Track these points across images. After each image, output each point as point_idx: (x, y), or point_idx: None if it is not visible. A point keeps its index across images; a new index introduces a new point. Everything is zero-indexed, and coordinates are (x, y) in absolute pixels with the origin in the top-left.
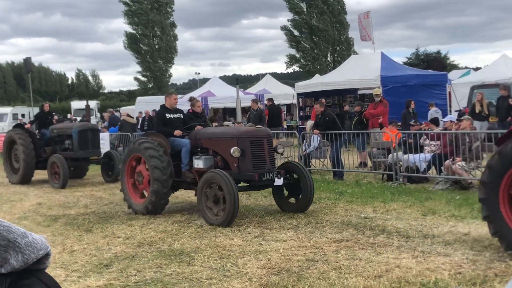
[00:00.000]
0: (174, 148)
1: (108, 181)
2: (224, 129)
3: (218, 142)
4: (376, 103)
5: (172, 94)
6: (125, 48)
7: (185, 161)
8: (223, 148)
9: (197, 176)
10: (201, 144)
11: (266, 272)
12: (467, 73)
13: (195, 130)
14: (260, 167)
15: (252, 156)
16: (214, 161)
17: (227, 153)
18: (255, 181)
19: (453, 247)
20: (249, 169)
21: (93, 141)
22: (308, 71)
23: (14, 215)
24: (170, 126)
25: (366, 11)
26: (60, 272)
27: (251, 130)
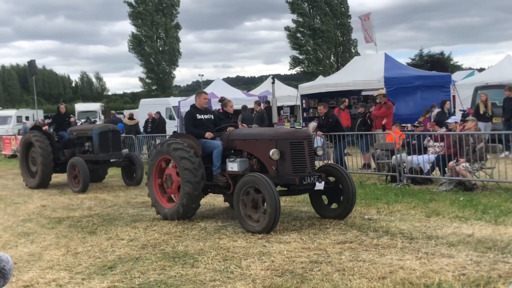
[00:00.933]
0: (205, 150)
1: (129, 184)
2: (261, 130)
3: (254, 144)
4: (380, 105)
5: (202, 93)
6: (129, 51)
7: (217, 163)
8: (260, 150)
9: (230, 180)
10: (235, 146)
11: (269, 274)
12: (471, 74)
13: (227, 131)
14: (301, 170)
15: (292, 159)
16: (249, 164)
17: (265, 156)
18: (296, 185)
19: (457, 249)
20: (288, 172)
21: (114, 143)
22: (311, 72)
23: (18, 217)
24: (200, 127)
25: (367, 13)
26: (64, 274)
27: (290, 131)
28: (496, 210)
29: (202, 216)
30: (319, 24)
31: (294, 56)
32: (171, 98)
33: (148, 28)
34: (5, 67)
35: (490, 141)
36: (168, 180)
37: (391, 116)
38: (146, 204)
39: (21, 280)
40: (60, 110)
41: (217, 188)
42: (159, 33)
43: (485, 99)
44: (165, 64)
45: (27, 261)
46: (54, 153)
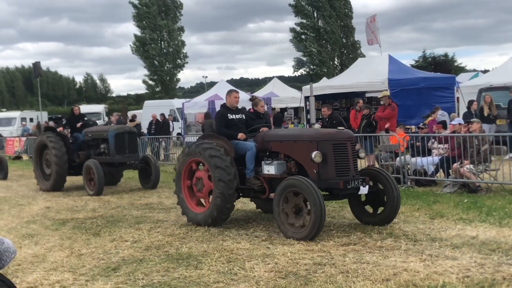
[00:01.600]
0: (238, 152)
1: (146, 187)
2: (300, 131)
3: (292, 146)
4: (384, 106)
5: (232, 92)
6: (133, 53)
7: (250, 166)
8: (300, 152)
9: (266, 183)
10: (270, 147)
11: (273, 276)
12: (475, 75)
13: (261, 132)
14: (345, 173)
15: (335, 162)
16: (287, 166)
17: (304, 158)
18: (340, 190)
19: (461, 251)
20: (331, 176)
21: (130, 145)
22: (315, 74)
23: (22, 219)
24: (232, 128)
25: (373, 15)
26: (68, 276)
27: (333, 132)
28: (500, 212)
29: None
30: (323, 25)
31: (298, 58)
32: (175, 100)
33: (152, 30)
34: (10, 68)
35: (494, 143)
36: (199, 184)
37: (395, 118)
38: (150, 206)
39: (25, 282)
40: (74, 112)
41: (251, 192)
42: (163, 36)
43: (490, 100)
44: (169, 65)
45: (31, 263)
46: (69, 155)
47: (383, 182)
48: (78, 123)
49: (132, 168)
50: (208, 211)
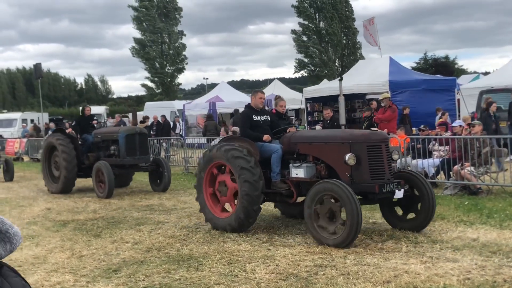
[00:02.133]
0: (263, 154)
1: (157, 190)
2: (331, 133)
3: (322, 148)
4: (385, 108)
5: (258, 92)
6: (133, 55)
7: (276, 169)
8: (331, 154)
9: (293, 187)
10: (298, 149)
11: (274, 278)
12: (476, 77)
13: (288, 134)
14: (379, 176)
15: (369, 164)
16: (316, 169)
17: (336, 161)
18: (375, 194)
19: (461, 253)
20: (366, 179)
21: (141, 147)
22: (316, 75)
23: (23, 220)
24: (257, 130)
25: (371, 17)
26: (69, 277)
27: (366, 133)
28: (501, 214)
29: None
30: (325, 27)
31: (300, 59)
32: (175, 102)
33: (151, 32)
34: (11, 70)
35: (495, 145)
36: (222, 188)
37: (395, 120)
38: (151, 207)
39: None
40: (85, 112)
41: (277, 196)
42: (163, 38)
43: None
44: (169, 67)
45: (32, 264)
46: (78, 157)
47: (417, 185)
48: (89, 124)
49: (142, 170)
50: (234, 215)
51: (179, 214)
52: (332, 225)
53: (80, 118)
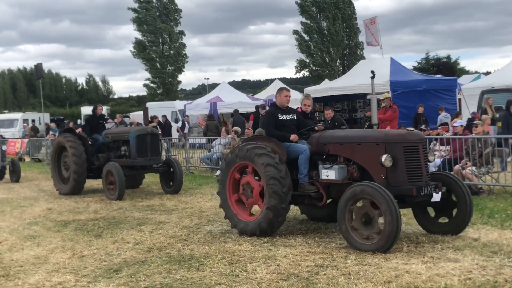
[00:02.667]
0: (290, 155)
1: (168, 192)
2: (364, 132)
3: (355, 148)
4: (385, 108)
5: (283, 90)
6: (134, 56)
7: (304, 170)
8: (364, 155)
9: (323, 189)
10: (328, 150)
11: (275, 278)
12: (477, 77)
13: (316, 134)
14: (417, 179)
15: (406, 166)
16: (348, 171)
17: (370, 162)
18: (412, 197)
19: (463, 253)
20: (403, 181)
21: (152, 147)
22: (317, 75)
23: (24, 220)
24: (283, 129)
25: (373, 17)
26: (70, 278)
27: (403, 133)
28: (502, 214)
29: (207, 219)
30: (326, 27)
31: (301, 59)
32: (176, 102)
33: (152, 33)
34: (12, 70)
35: (496, 145)
36: (247, 189)
37: (396, 120)
38: (152, 207)
39: (27, 283)
40: (96, 111)
41: (306, 199)
42: (164, 38)
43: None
44: (170, 68)
45: (33, 264)
46: (88, 158)
47: (454, 188)
48: (99, 124)
49: (154, 171)
50: (258, 222)
51: (180, 214)
52: (366, 230)
53: (90, 118)
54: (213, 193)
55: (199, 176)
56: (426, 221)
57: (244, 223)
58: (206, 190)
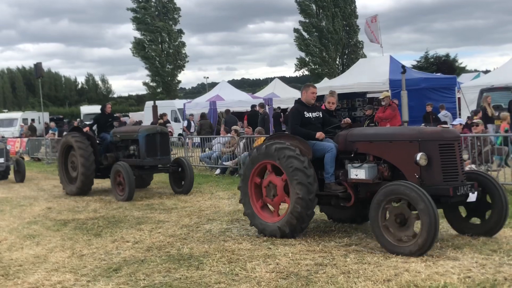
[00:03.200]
0: (315, 153)
1: (178, 192)
2: (396, 130)
3: (386, 147)
4: (385, 107)
5: (309, 87)
6: (133, 55)
7: (330, 170)
8: (397, 153)
9: (351, 189)
10: (356, 148)
11: (274, 276)
12: (477, 76)
13: (343, 132)
14: (453, 178)
15: (442, 165)
16: (378, 170)
17: (403, 161)
18: (449, 197)
19: (462, 251)
20: (438, 181)
21: (162, 147)
22: (317, 74)
23: (24, 219)
24: (309, 127)
25: (374, 15)
26: (69, 277)
27: (438, 130)
28: None
29: (207, 218)
30: (326, 25)
31: (301, 57)
32: (176, 101)
33: (151, 32)
34: (11, 69)
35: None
36: (270, 190)
37: (398, 118)
38: (151, 206)
39: (26, 282)
40: (105, 110)
41: (332, 199)
42: (163, 37)
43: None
44: (170, 67)
45: (32, 263)
46: (96, 157)
47: (491, 191)
48: (108, 122)
49: (163, 171)
50: (285, 219)
51: (180, 213)
52: (400, 232)
53: (99, 116)
54: (213, 192)
55: (198, 175)
56: (458, 222)
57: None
58: (205, 189)
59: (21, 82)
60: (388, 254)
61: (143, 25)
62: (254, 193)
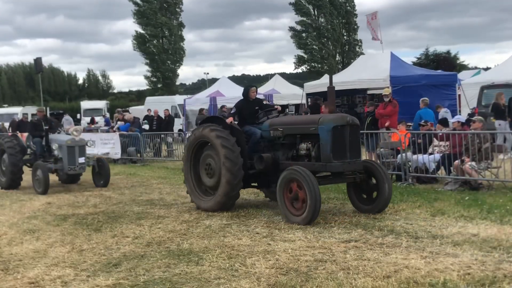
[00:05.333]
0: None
1: (367, 210)
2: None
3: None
4: (385, 103)
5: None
6: (134, 49)
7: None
8: None
9: None
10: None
11: (274, 272)
12: (477, 73)
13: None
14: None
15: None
16: None
17: None
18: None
19: (462, 248)
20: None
21: (352, 146)
22: (317, 71)
23: (23, 214)
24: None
25: (374, 12)
26: (69, 272)
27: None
28: (501, 209)
29: (206, 214)
30: (323, 23)
31: (299, 55)
32: (176, 96)
33: (153, 27)
34: (10, 65)
35: (496, 140)
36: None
37: (396, 115)
38: (151, 201)
39: (26, 277)
40: (249, 95)
41: None
42: (164, 32)
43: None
44: (170, 62)
45: (32, 258)
46: (245, 160)
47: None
48: (255, 112)
49: (350, 180)
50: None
51: (180, 209)
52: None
53: (242, 103)
54: None
55: None
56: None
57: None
58: None
59: (21, 77)
60: (387, 251)
61: (144, 19)
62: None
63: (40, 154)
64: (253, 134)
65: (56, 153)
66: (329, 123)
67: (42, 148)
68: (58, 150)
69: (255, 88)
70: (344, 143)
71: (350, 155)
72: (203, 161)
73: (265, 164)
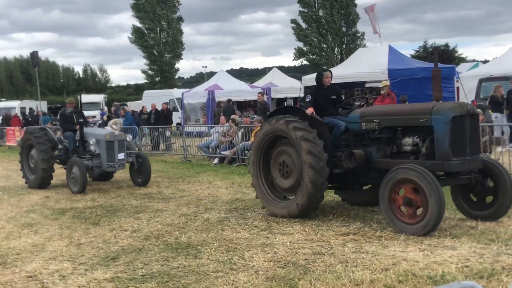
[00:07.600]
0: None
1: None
2: None
3: None
4: (383, 96)
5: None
6: (131, 42)
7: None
8: None
9: None
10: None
11: (272, 265)
12: (475, 65)
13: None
14: None
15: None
16: None
17: None
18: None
19: (460, 241)
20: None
21: (472, 140)
22: (315, 64)
23: (22, 208)
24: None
25: (371, 5)
26: (67, 265)
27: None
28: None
29: (205, 207)
30: (324, 15)
31: (299, 47)
32: (174, 90)
33: (151, 20)
34: (7, 58)
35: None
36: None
37: None
38: (149, 195)
39: (24, 271)
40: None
41: None
42: (162, 25)
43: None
44: (168, 55)
45: (30, 252)
46: (329, 156)
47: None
48: (331, 100)
49: (463, 181)
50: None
51: (178, 202)
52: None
53: (316, 90)
54: (211, 181)
55: (196, 164)
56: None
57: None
58: (203, 178)
59: (18, 71)
60: (386, 243)
61: (142, 12)
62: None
63: (73, 149)
64: (335, 127)
65: (93, 148)
66: (447, 112)
67: (75, 143)
68: (95, 145)
69: (329, 73)
70: (464, 137)
71: (470, 151)
72: (275, 160)
73: (357, 162)
